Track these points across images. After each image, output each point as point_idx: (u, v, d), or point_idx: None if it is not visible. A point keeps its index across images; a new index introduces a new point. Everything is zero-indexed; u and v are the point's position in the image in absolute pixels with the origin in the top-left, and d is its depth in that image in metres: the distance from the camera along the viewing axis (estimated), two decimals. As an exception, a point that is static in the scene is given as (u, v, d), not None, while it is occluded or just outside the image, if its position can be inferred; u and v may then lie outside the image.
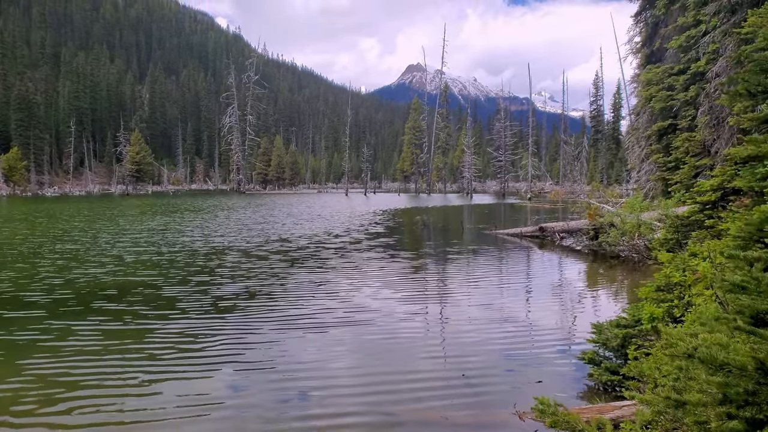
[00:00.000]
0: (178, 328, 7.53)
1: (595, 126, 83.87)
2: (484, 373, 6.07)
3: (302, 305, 9.01)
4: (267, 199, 59.43)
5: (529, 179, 75.74)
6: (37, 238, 18.45)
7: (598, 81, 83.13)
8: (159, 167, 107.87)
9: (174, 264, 12.92)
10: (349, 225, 25.28)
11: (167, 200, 55.35)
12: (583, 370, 5.99)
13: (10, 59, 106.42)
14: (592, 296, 10.38)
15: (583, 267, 13.97)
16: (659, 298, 5.90)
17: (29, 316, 8.05)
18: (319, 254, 14.98)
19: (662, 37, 22.16)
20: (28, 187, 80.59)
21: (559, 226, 19.27)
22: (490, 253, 15.93)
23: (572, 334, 7.67)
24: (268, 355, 6.48)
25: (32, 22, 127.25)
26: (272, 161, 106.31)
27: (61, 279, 10.85)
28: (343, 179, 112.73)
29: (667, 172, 19.36)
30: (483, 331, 7.71)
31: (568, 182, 78.28)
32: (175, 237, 19.04)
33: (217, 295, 9.50)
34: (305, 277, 11.41)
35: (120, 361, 6.18)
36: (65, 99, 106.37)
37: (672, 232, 11.36)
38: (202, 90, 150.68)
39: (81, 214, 31.55)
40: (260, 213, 33.87)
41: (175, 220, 26.90)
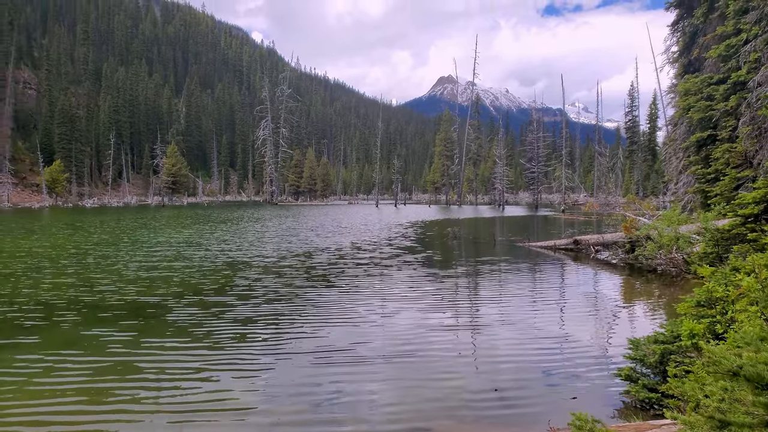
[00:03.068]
0: (211, 337, 7.61)
1: (631, 137, 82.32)
2: (518, 387, 5.95)
3: (332, 316, 9.00)
4: (299, 211, 59.97)
5: (562, 191, 74.72)
6: (82, 247, 18.96)
7: (634, 91, 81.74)
8: (194, 179, 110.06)
9: (210, 274, 13.08)
10: (379, 236, 25.30)
11: (202, 211, 56.34)
12: (619, 387, 5.83)
13: (55, 75, 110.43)
14: (627, 311, 10.12)
15: (619, 281, 13.66)
16: (699, 314, 5.71)
17: (72, 321, 8.25)
18: (350, 265, 15.01)
19: (700, 46, 21.71)
20: (69, 198, 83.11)
21: (594, 238, 18.91)
22: (522, 266, 15.71)
23: (607, 350, 7.48)
24: (299, 365, 6.47)
25: (76, 39, 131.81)
26: (304, 173, 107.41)
27: (104, 286, 11.11)
28: (373, 191, 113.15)
29: (707, 184, 18.86)
30: (516, 345, 7.57)
31: (603, 194, 76.90)
32: (210, 247, 19.31)
33: (252, 301, 9.58)
34: (335, 287, 11.42)
35: (154, 365, 6.24)
36: (105, 113, 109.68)
37: (712, 245, 11.03)
38: (236, 103, 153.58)
39: (123, 224, 32.34)
40: (292, 224, 34.17)
41: (211, 231, 27.32)
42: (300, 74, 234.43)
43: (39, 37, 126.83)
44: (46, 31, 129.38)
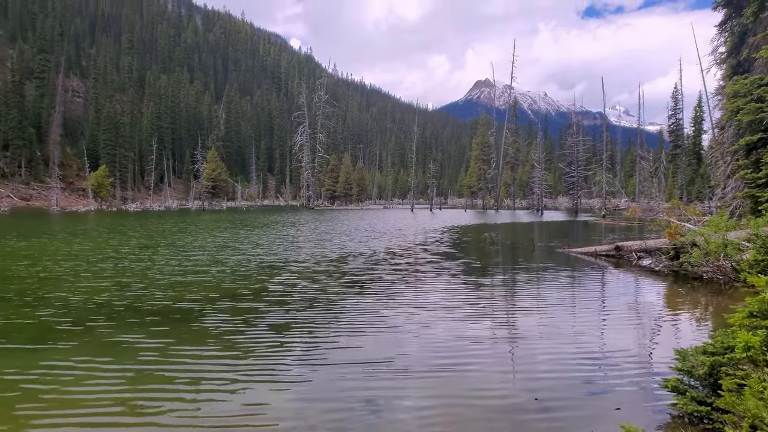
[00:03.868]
0: (248, 340, 7.57)
1: (674, 140, 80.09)
2: (558, 397, 5.76)
3: (367, 324, 8.87)
4: (334, 215, 60.30)
5: (603, 195, 73.09)
6: (120, 250, 19.43)
7: (678, 94, 79.52)
8: (233, 184, 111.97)
9: (244, 279, 13.17)
10: (414, 241, 25.17)
11: (240, 216, 57.16)
12: (664, 399, 5.59)
13: (101, 83, 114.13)
14: (672, 320, 9.75)
15: (663, 288, 13.21)
16: (753, 325, 5.44)
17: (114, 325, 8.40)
18: (385, 271, 14.93)
19: (750, 46, 20.93)
20: (114, 202, 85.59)
21: (637, 245, 18.38)
22: (562, 272, 15.37)
23: (651, 360, 7.20)
24: (333, 377, 6.36)
25: (122, 48, 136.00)
26: (340, 178, 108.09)
27: (156, 288, 11.35)
28: (408, 195, 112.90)
29: (757, 189, 18.12)
30: (555, 354, 7.34)
31: (645, 199, 74.91)
32: (245, 251, 19.52)
33: (286, 308, 9.51)
34: (370, 294, 11.32)
35: (186, 374, 6.21)
36: (148, 119, 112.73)
37: (763, 253, 10.56)
38: (274, 109, 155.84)
39: (162, 228, 33.05)
40: (327, 229, 34.33)
41: (247, 235, 27.66)
42: (337, 80, 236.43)
43: (87, 47, 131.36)
44: (94, 41, 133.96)
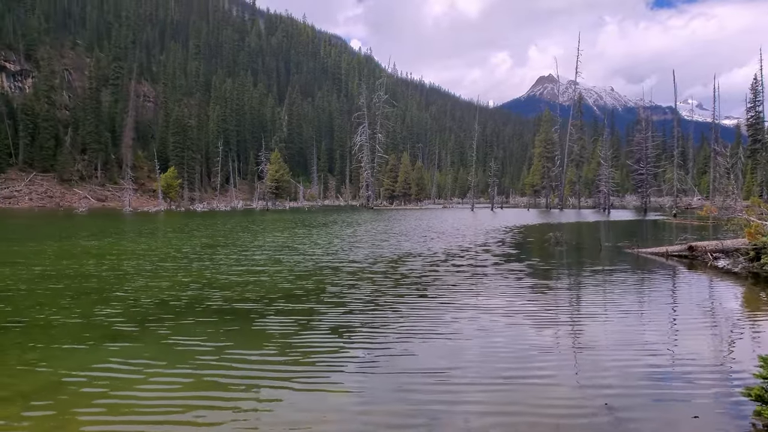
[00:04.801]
0: (304, 342, 7.46)
1: (753, 135, 75.50)
2: (630, 404, 5.41)
3: (425, 329, 8.57)
4: (393, 215, 60.31)
5: (674, 193, 69.72)
6: (183, 250, 20.05)
7: (758, 85, 74.91)
8: (295, 184, 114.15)
9: (301, 279, 13.16)
10: (474, 242, 24.73)
11: (301, 216, 58.07)
12: (746, 409, 5.17)
13: (170, 88, 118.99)
14: (752, 324, 9.05)
15: (741, 291, 12.35)
16: None
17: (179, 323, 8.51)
18: (443, 273, 14.65)
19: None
20: (182, 202, 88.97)
21: (712, 245, 17.33)
22: (631, 274, 14.65)
23: (730, 366, 6.66)
24: (390, 387, 6.14)
25: (189, 54, 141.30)
26: (399, 177, 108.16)
27: (221, 286, 11.62)
28: (468, 194, 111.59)
29: None
30: (625, 358, 6.89)
31: (720, 197, 70.95)
32: (304, 251, 19.67)
33: (342, 310, 9.41)
34: (428, 297, 11.03)
35: (239, 380, 6.12)
36: (214, 122, 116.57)
37: None
38: (335, 110, 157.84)
39: (226, 227, 34.00)
40: (385, 229, 34.26)
41: (306, 235, 27.97)
42: (396, 79, 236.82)
43: (157, 54, 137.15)
44: (164, 47, 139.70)
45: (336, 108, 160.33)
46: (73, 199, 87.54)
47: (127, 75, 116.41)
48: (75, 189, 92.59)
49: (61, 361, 6.79)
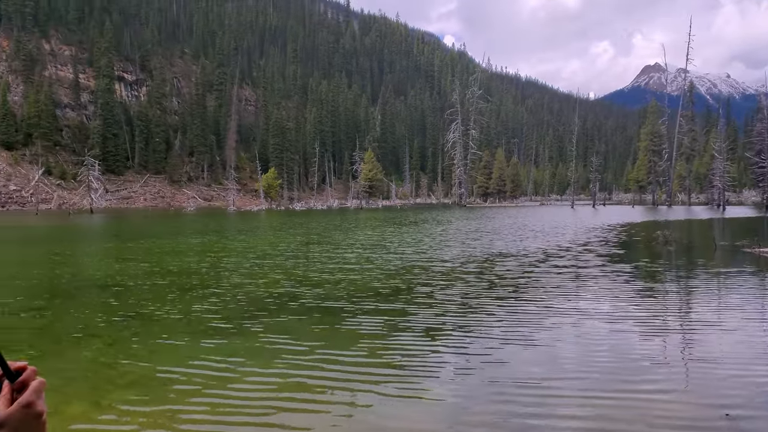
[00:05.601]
0: (398, 342, 7.23)
1: None
2: (755, 416, 4.65)
3: (520, 334, 8.06)
4: (487, 213, 58.99)
5: (801, 188, 63.06)
6: (278, 248, 20.50)
7: None
8: (388, 183, 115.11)
9: (390, 279, 12.95)
10: (574, 241, 23.38)
11: (393, 214, 58.31)
12: None
13: (269, 92, 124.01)
14: None
15: None
16: None
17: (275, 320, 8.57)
18: (540, 274, 13.82)
19: None
20: (281, 202, 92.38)
21: None
22: (750, 277, 13.08)
23: None
24: (484, 396, 5.76)
25: (287, 58, 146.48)
26: (493, 174, 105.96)
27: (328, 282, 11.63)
28: (568, 191, 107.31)
29: None
30: (743, 366, 6.14)
31: None
32: (394, 250, 19.46)
33: (432, 311, 9.05)
34: (523, 300, 10.44)
35: (330, 382, 5.97)
36: (311, 124, 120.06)
37: None
38: (427, 108, 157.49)
39: (322, 225, 34.67)
40: (478, 227, 33.42)
41: (397, 233, 27.83)
42: (490, 74, 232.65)
43: (257, 59, 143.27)
44: (263, 52, 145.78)
45: (428, 106, 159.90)
46: (182, 199, 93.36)
47: (229, 80, 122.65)
48: (184, 189, 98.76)
49: (160, 356, 6.97)
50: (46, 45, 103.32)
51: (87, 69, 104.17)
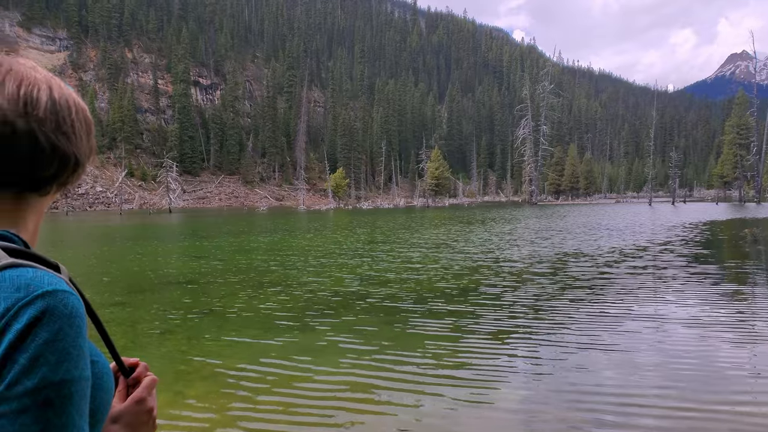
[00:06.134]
0: (466, 344, 6.93)
1: None
2: None
3: (599, 330, 7.65)
4: (558, 211, 57.16)
5: None
6: (344, 246, 20.58)
7: None
8: (455, 181, 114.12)
9: (455, 278, 12.63)
10: (652, 240, 22.10)
11: (460, 213, 57.60)
12: None
13: (337, 92, 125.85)
14: None
15: None
16: None
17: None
18: (615, 275, 13.06)
19: None
20: (349, 201, 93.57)
21: None
22: None
23: None
24: (563, 383, 5.49)
25: (354, 58, 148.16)
26: (565, 171, 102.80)
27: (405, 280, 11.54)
28: (645, 187, 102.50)
29: None
30: None
31: None
32: (461, 249, 19.07)
33: (500, 314, 8.67)
34: (597, 302, 9.83)
35: (402, 375, 5.75)
36: (378, 123, 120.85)
37: None
38: (495, 104, 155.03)
39: (388, 224, 34.65)
40: (549, 225, 32.33)
41: (463, 231, 27.36)
42: (562, 69, 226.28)
43: (326, 60, 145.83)
44: (331, 54, 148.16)
45: (497, 102, 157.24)
46: (255, 199, 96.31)
47: (299, 83, 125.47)
48: (256, 189, 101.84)
49: (232, 352, 7.05)
50: (129, 54, 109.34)
51: (165, 75, 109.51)
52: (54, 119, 0.81)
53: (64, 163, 0.84)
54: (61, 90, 0.85)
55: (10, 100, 0.78)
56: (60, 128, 0.82)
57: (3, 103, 0.77)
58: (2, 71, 0.80)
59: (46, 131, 0.80)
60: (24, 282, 0.72)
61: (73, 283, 0.75)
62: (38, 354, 0.69)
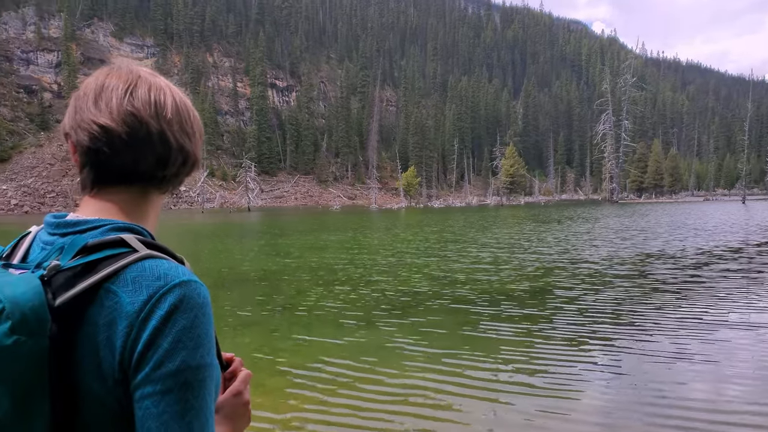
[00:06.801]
0: (543, 350, 6.59)
1: None
2: None
3: (686, 338, 7.10)
4: (641, 209, 54.43)
5: None
6: (412, 244, 20.41)
7: None
8: (530, 178, 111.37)
9: (527, 280, 12.16)
10: (746, 240, 20.47)
11: (535, 211, 56.11)
12: None
13: (409, 91, 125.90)
14: None
15: None
16: None
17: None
18: (706, 277, 12.14)
19: None
20: (420, 199, 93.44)
21: None
22: None
23: None
24: (645, 396, 5.08)
25: (427, 56, 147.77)
26: (648, 167, 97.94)
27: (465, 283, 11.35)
28: (737, 184, 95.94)
29: None
30: None
31: None
32: (534, 248, 18.43)
33: (575, 319, 8.21)
34: (684, 308, 9.17)
35: (473, 381, 5.52)
36: (450, 121, 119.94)
37: None
38: (574, 99, 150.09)
39: (460, 223, 34.18)
40: (630, 225, 30.74)
41: (537, 231, 26.50)
42: (645, 60, 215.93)
43: (398, 59, 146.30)
44: (404, 53, 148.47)
45: (575, 97, 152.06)
46: (329, 198, 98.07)
47: (372, 82, 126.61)
48: (330, 189, 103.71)
49: (300, 351, 7.07)
50: (210, 58, 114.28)
51: (244, 78, 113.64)
52: (178, 120, 0.88)
53: (185, 161, 0.91)
54: (180, 94, 0.93)
55: (143, 103, 0.84)
56: (183, 129, 0.89)
57: (139, 106, 0.84)
58: (133, 78, 0.87)
59: (174, 131, 0.87)
60: (162, 272, 0.78)
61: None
62: (178, 339, 0.74)
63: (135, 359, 0.74)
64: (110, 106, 0.82)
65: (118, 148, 0.83)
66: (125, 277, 0.77)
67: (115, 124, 0.82)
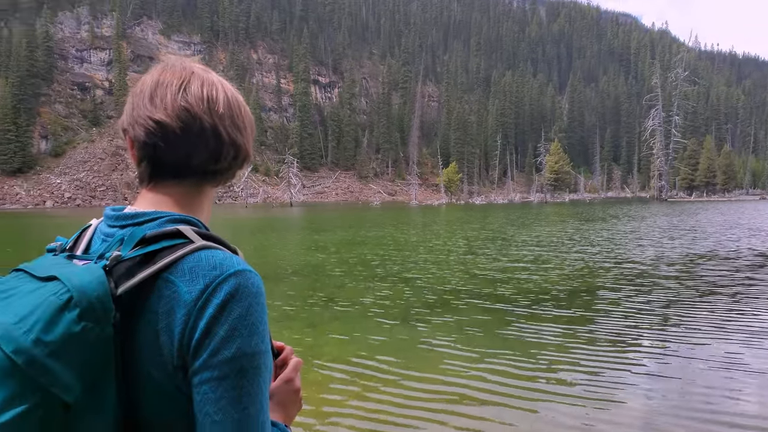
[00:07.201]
0: (580, 354, 6.39)
1: None
2: None
3: (737, 346, 6.72)
4: (691, 208, 52.49)
5: None
6: (448, 243, 20.22)
7: None
8: (575, 175, 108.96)
9: (569, 280, 11.83)
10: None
11: (581, 209, 54.89)
12: None
13: (452, 86, 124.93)
14: None
15: None
16: None
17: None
18: (761, 279, 11.55)
19: None
20: (461, 196, 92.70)
21: None
22: None
23: None
24: (692, 407, 4.89)
25: (470, 51, 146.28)
26: (700, 165, 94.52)
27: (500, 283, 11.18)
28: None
29: None
30: None
31: None
32: (580, 248, 17.97)
33: (619, 322, 7.92)
34: (741, 307, 8.74)
35: (512, 390, 5.37)
36: (493, 116, 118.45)
37: None
38: (622, 94, 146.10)
39: (502, 220, 33.76)
40: (680, 224, 29.66)
41: (580, 229, 25.86)
42: (698, 53, 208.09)
43: (441, 55, 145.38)
44: (447, 48, 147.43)
45: (623, 91, 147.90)
46: (369, 194, 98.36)
47: (414, 78, 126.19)
48: (370, 185, 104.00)
49: (330, 350, 6.99)
50: (254, 55, 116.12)
51: (287, 75, 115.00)
52: (230, 115, 0.90)
53: (237, 155, 0.94)
54: (231, 89, 0.94)
55: (197, 99, 0.87)
56: (235, 123, 0.91)
57: (192, 102, 0.86)
58: (186, 74, 0.90)
59: (226, 126, 0.89)
60: (218, 261, 0.81)
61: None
62: (234, 327, 0.77)
63: (193, 346, 0.76)
64: (165, 102, 0.85)
65: (172, 142, 0.85)
66: (182, 267, 0.79)
67: (169, 120, 0.84)
